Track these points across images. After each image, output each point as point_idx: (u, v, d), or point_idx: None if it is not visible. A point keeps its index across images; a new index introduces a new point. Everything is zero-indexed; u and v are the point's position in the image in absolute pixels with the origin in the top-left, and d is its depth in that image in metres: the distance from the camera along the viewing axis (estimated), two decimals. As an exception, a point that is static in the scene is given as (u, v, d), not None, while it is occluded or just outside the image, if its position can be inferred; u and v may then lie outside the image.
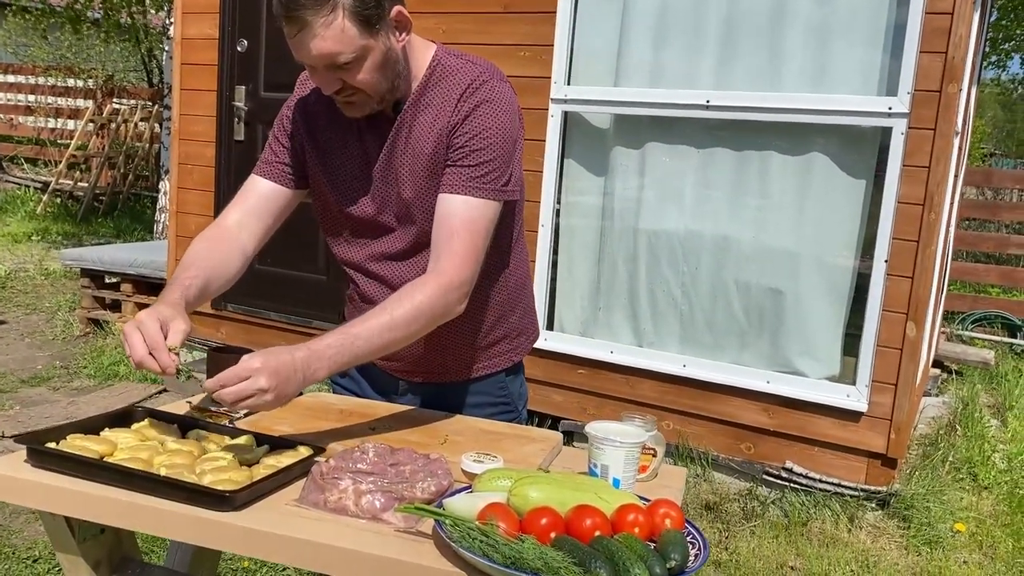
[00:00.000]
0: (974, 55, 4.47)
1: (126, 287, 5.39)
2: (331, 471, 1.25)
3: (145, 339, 1.32)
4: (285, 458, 1.35)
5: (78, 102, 11.47)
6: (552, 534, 1.09)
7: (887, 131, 3.22)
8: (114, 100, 11.07)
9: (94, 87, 11.29)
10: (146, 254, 5.41)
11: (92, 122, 10.60)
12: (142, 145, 10.68)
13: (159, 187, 8.29)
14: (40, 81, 11.69)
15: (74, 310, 5.78)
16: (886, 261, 3.23)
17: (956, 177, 4.86)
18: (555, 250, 3.89)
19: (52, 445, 1.33)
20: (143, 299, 5.31)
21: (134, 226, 9.44)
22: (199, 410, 1.57)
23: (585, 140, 3.82)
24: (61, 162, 10.44)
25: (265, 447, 1.40)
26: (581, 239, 3.89)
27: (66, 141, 10.98)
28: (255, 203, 1.65)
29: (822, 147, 3.39)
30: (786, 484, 3.42)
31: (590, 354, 3.77)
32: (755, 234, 3.53)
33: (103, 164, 10.28)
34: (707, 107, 3.48)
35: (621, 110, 3.70)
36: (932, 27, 3.09)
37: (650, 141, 3.68)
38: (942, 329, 6.07)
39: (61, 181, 10.32)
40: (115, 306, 5.53)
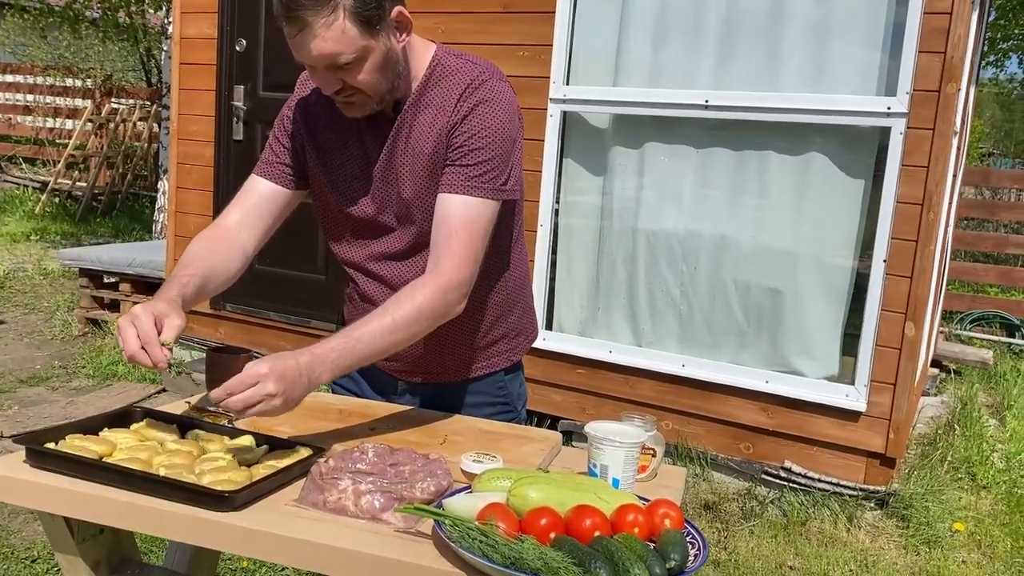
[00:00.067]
0: (973, 55, 4.47)
1: (125, 287, 5.39)
2: (330, 471, 1.25)
3: (139, 333, 1.32)
4: (284, 458, 1.35)
5: (76, 102, 11.45)
6: (552, 534, 1.09)
7: (886, 131, 3.22)
8: (113, 100, 11.06)
9: (93, 87, 11.28)
10: (145, 254, 5.41)
11: (91, 122, 10.59)
12: (141, 145, 10.68)
13: (158, 187, 8.28)
14: (39, 81, 11.68)
15: (73, 310, 5.77)
16: (885, 261, 3.24)
17: (955, 177, 4.87)
18: (554, 250, 3.89)
19: (51, 445, 1.32)
20: (142, 299, 5.29)
21: (133, 226, 9.44)
22: (198, 410, 1.57)
23: (584, 140, 3.82)
24: (60, 162, 10.43)
25: (264, 447, 1.40)
26: (580, 239, 3.89)
27: (65, 141, 10.97)
28: (255, 203, 1.65)
29: (821, 147, 3.39)
30: (785, 484, 3.42)
31: (589, 354, 3.77)
32: (754, 234, 3.53)
33: (102, 164, 10.27)
34: (706, 107, 3.48)
35: (620, 110, 3.71)
36: (931, 27, 3.09)
37: (649, 141, 3.68)
38: (941, 329, 6.08)
39: (60, 181, 10.31)
40: (114, 306, 5.53)
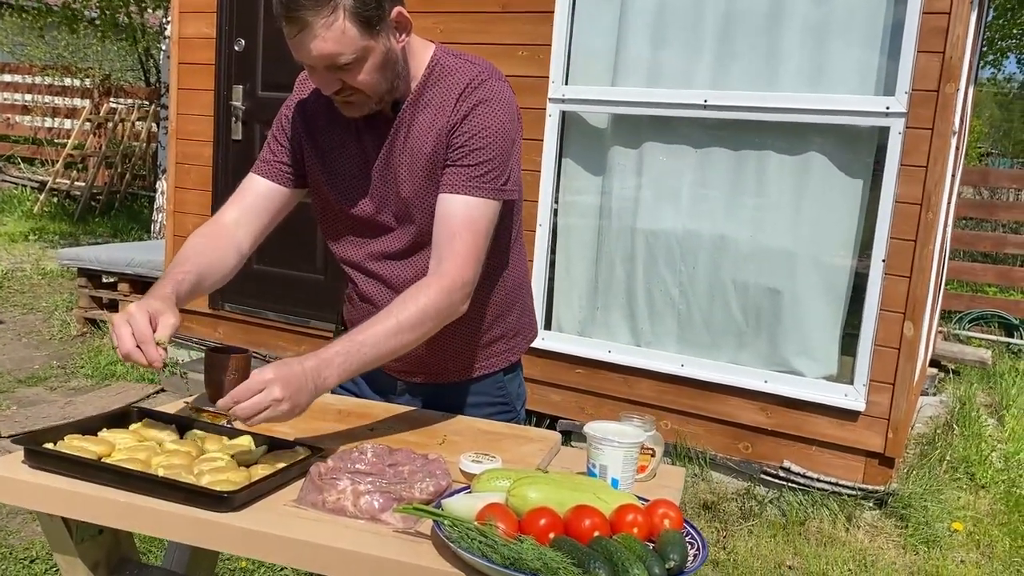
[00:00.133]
0: (971, 55, 4.48)
1: (123, 287, 5.39)
2: (329, 471, 1.25)
3: (134, 332, 1.33)
4: (283, 458, 1.35)
5: (75, 101, 11.44)
6: (551, 534, 1.09)
7: (885, 131, 3.22)
8: (111, 99, 11.05)
9: (91, 86, 11.27)
10: (143, 254, 5.40)
11: (89, 121, 10.58)
12: (139, 144, 10.67)
13: (156, 186, 8.27)
14: (37, 80, 11.67)
15: (71, 310, 5.77)
16: (884, 260, 3.24)
17: (953, 176, 4.87)
18: (553, 249, 3.89)
19: (50, 446, 1.32)
20: (140, 299, 5.29)
21: (131, 225, 9.43)
22: (197, 410, 1.57)
23: (583, 140, 3.82)
24: (58, 161, 10.42)
25: (263, 447, 1.40)
26: (579, 239, 3.88)
27: (63, 140, 10.96)
28: (253, 201, 1.65)
29: (820, 147, 3.39)
30: (784, 483, 3.42)
31: (588, 354, 3.77)
32: (753, 234, 3.53)
33: (100, 163, 10.27)
34: (705, 107, 3.48)
35: (619, 110, 3.70)
36: (929, 27, 3.09)
37: (648, 141, 3.68)
38: (939, 328, 6.08)
39: (58, 180, 10.30)
40: (112, 306, 5.52)
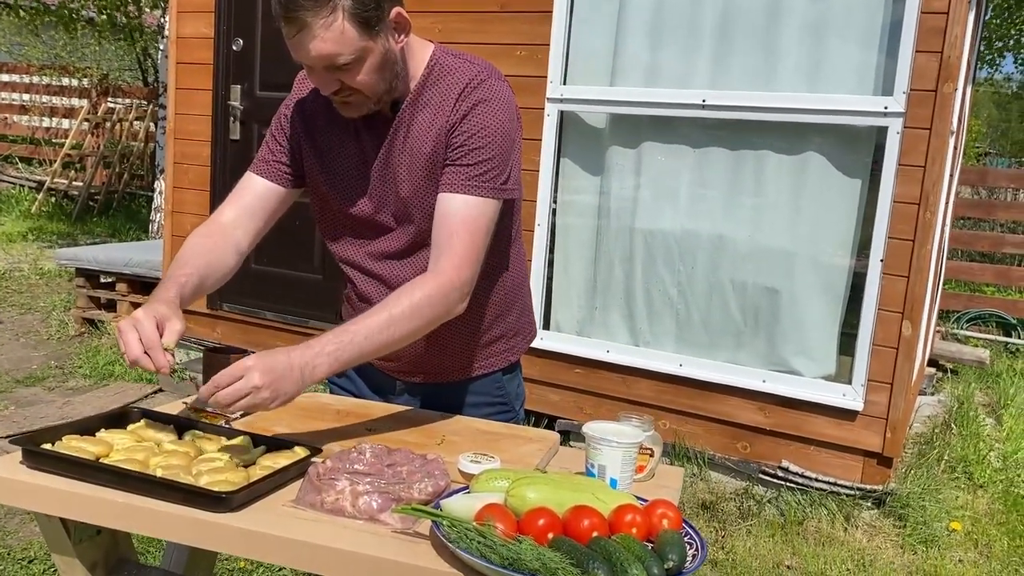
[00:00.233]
0: (969, 54, 4.48)
1: (121, 287, 5.38)
2: (328, 472, 1.25)
3: (141, 338, 1.32)
4: (282, 459, 1.35)
5: (73, 101, 11.43)
6: (550, 535, 1.09)
7: (883, 130, 3.23)
8: (109, 99, 11.03)
9: (89, 86, 11.26)
10: (141, 254, 5.40)
11: (87, 121, 10.57)
12: (137, 144, 10.66)
13: (154, 186, 8.27)
14: (35, 80, 11.66)
15: (69, 310, 5.76)
16: (882, 260, 3.24)
17: (951, 176, 4.87)
18: (551, 249, 3.89)
19: (48, 446, 1.32)
20: (138, 299, 5.30)
21: (129, 225, 9.42)
22: (195, 411, 1.57)
23: (581, 139, 3.82)
24: (56, 161, 10.41)
25: (262, 448, 1.40)
26: (577, 238, 3.88)
27: (61, 140, 10.95)
28: (251, 201, 1.65)
29: (818, 146, 3.39)
30: (782, 483, 3.42)
31: (586, 353, 3.77)
32: (751, 233, 3.53)
33: (98, 163, 10.26)
34: (703, 106, 3.48)
35: (617, 109, 3.70)
36: (928, 27, 3.09)
37: (646, 140, 3.68)
38: (937, 328, 6.08)
39: (56, 180, 10.29)
40: (110, 306, 5.52)
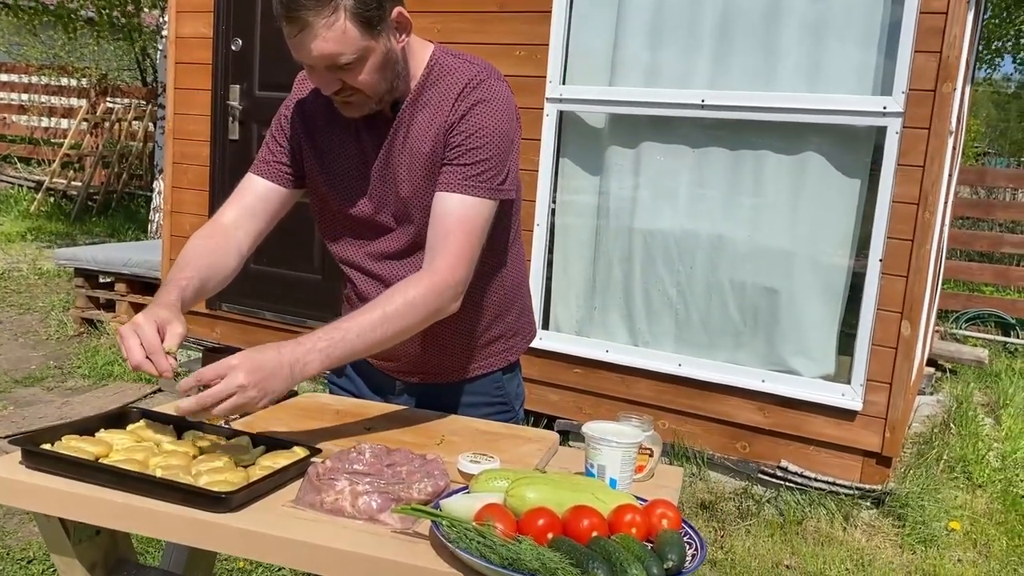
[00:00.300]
0: (968, 54, 4.48)
1: (120, 287, 5.38)
2: (327, 472, 1.25)
3: (142, 342, 1.32)
4: (281, 459, 1.35)
5: (72, 101, 11.42)
6: (549, 535, 1.09)
7: (882, 130, 3.23)
8: (108, 99, 11.02)
9: (88, 86, 11.25)
10: (140, 254, 5.39)
11: (86, 121, 10.56)
12: (136, 144, 10.66)
13: (153, 186, 8.27)
14: (34, 80, 11.64)
15: (68, 310, 5.76)
16: (881, 260, 3.24)
17: (950, 176, 4.87)
18: (550, 249, 3.89)
19: (47, 446, 1.32)
20: (137, 299, 5.30)
21: (128, 225, 9.41)
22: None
23: (580, 139, 3.82)
24: (55, 161, 10.40)
25: (261, 448, 1.40)
26: (576, 238, 3.89)
27: (60, 140, 10.93)
28: (251, 202, 1.64)
29: (817, 146, 3.39)
30: (781, 483, 3.42)
31: (586, 353, 3.77)
32: (750, 233, 3.53)
33: (97, 163, 10.25)
34: (702, 106, 3.48)
35: (616, 109, 3.70)
36: (927, 26, 3.10)
37: (645, 140, 3.68)
38: (936, 328, 6.09)
39: (55, 180, 10.28)
40: (109, 306, 5.51)
